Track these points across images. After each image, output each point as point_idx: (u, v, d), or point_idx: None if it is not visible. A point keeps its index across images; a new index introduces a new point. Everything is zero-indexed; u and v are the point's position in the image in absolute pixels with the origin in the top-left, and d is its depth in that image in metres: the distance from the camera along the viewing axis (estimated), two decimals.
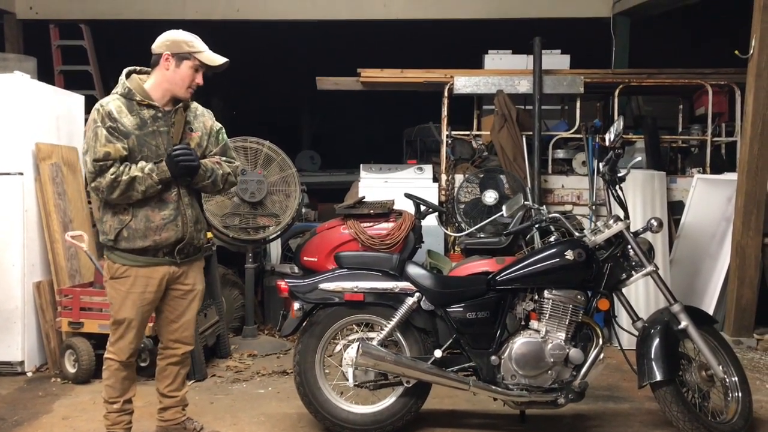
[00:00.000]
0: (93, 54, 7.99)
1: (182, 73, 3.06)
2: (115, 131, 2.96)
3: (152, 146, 3.03)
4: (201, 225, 3.24)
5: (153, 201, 3.04)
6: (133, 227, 3.02)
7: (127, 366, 3.19)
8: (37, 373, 4.68)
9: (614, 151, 3.68)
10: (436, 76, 6.88)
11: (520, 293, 3.57)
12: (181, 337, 3.30)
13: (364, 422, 3.55)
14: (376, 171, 6.72)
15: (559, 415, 3.83)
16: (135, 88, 3.06)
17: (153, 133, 3.04)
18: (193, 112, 3.22)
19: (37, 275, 4.75)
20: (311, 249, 4.97)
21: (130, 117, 3.01)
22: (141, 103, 3.04)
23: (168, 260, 3.12)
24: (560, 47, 7.06)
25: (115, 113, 2.99)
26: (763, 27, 5.19)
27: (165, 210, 3.06)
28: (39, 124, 4.84)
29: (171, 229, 3.07)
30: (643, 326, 3.57)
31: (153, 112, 3.06)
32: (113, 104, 3.02)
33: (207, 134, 3.24)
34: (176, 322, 3.27)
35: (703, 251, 5.87)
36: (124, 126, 2.98)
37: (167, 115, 3.09)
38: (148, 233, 3.03)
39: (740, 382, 3.56)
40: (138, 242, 3.03)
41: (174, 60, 3.04)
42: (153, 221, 3.04)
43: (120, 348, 3.15)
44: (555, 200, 6.44)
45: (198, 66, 3.07)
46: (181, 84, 3.07)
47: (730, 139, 6.56)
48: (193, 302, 3.29)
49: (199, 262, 3.34)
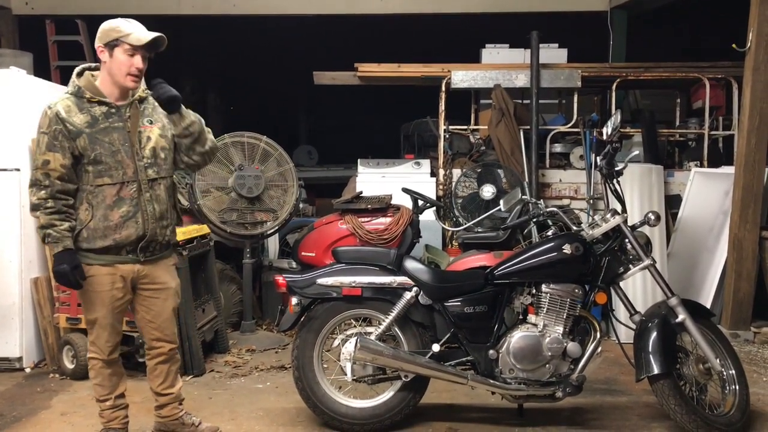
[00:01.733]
0: (89, 49, 7.96)
1: (117, 61, 2.96)
2: (63, 133, 2.92)
3: (105, 143, 2.97)
4: (168, 221, 3.16)
5: (110, 198, 2.99)
6: (92, 227, 2.98)
7: (110, 363, 3.17)
8: (35, 369, 4.68)
9: (612, 145, 3.68)
10: (434, 70, 6.87)
11: (518, 287, 3.58)
12: (162, 336, 3.24)
13: (363, 416, 3.56)
14: (373, 166, 6.71)
15: (557, 408, 3.84)
16: (85, 86, 3.00)
17: (105, 129, 2.98)
18: (151, 104, 3.14)
19: (34, 271, 4.74)
20: (309, 244, 4.98)
21: (80, 115, 2.96)
22: (91, 101, 2.99)
23: (132, 258, 3.06)
24: (558, 41, 7.05)
25: (63, 113, 2.94)
26: (761, 20, 5.18)
27: (123, 207, 3.00)
28: (35, 119, 4.80)
29: (131, 227, 3.01)
30: (641, 320, 3.57)
31: (105, 108, 3.01)
32: (61, 104, 2.97)
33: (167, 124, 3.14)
34: (154, 321, 3.21)
35: (701, 245, 5.88)
36: (73, 125, 2.94)
37: (120, 110, 3.03)
38: (107, 232, 2.98)
39: (737, 375, 3.57)
40: (98, 242, 2.98)
41: (107, 50, 2.97)
42: (111, 219, 2.98)
43: (99, 347, 3.13)
44: (552, 194, 6.44)
45: (129, 50, 2.95)
46: (118, 72, 2.97)
47: (728, 132, 6.56)
48: (168, 300, 3.22)
49: (168, 259, 3.27)
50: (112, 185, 2.99)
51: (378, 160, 6.80)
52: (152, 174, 3.07)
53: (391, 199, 5.19)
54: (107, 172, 2.98)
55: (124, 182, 3.00)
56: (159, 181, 3.11)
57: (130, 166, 3.01)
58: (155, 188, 3.09)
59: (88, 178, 2.99)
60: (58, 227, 2.93)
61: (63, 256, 2.93)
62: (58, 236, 2.93)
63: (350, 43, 8.63)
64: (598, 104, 7.67)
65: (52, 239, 2.93)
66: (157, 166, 3.09)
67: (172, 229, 3.22)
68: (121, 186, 3.00)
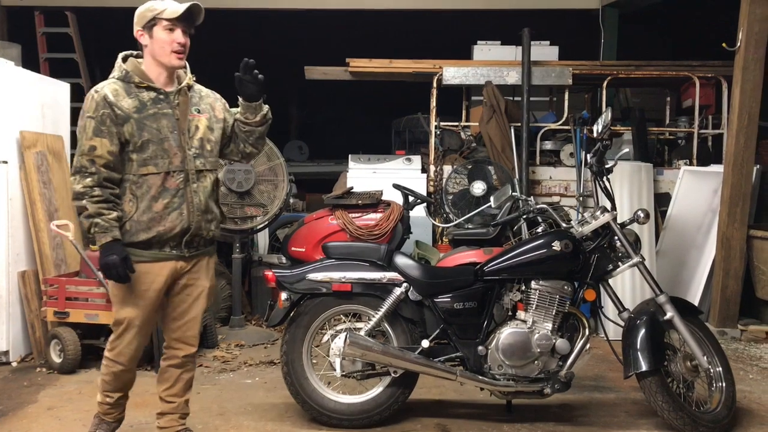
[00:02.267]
0: (79, 41, 7.92)
1: (158, 40, 2.86)
2: (111, 118, 2.79)
3: (153, 129, 2.84)
4: (212, 216, 3.02)
5: (155, 189, 2.84)
6: (135, 219, 2.84)
7: (127, 370, 3.00)
8: (21, 363, 4.65)
9: (602, 143, 3.69)
10: (425, 66, 6.86)
11: (508, 284, 3.58)
12: (183, 337, 3.06)
13: (352, 412, 3.56)
14: (364, 161, 6.71)
15: (546, 404, 3.85)
16: (132, 70, 2.88)
17: (154, 115, 2.86)
18: (197, 93, 3.04)
19: (22, 264, 4.71)
20: (299, 239, 4.97)
21: (128, 99, 2.83)
22: (140, 86, 2.87)
23: (175, 254, 2.92)
24: (549, 39, 7.06)
25: (111, 97, 2.80)
26: (750, 20, 5.21)
27: (167, 197, 2.86)
28: (24, 112, 4.79)
29: (175, 218, 2.87)
30: (629, 317, 3.59)
31: (153, 94, 2.88)
32: (109, 88, 2.83)
33: (217, 120, 3.06)
34: (179, 320, 3.04)
35: (689, 243, 5.91)
36: (121, 109, 2.80)
37: (169, 96, 2.91)
38: (151, 224, 2.84)
39: (724, 373, 3.60)
40: (141, 234, 2.84)
41: (146, 32, 2.87)
42: (155, 210, 2.84)
43: (119, 351, 2.95)
44: (543, 191, 6.45)
45: (168, 25, 2.85)
46: (161, 52, 2.86)
47: (717, 131, 6.59)
48: (199, 300, 3.05)
49: (209, 258, 3.10)
50: (157, 174, 2.85)
51: (369, 156, 6.79)
52: (199, 165, 2.95)
53: (381, 194, 5.18)
54: (152, 161, 2.85)
55: (169, 172, 2.86)
56: (205, 173, 2.98)
57: (177, 155, 2.88)
58: (201, 180, 2.96)
59: (132, 167, 2.85)
60: (106, 216, 2.77)
61: (111, 247, 2.77)
62: (106, 226, 2.77)
63: (342, 38, 8.60)
64: (589, 102, 7.69)
65: (100, 229, 2.76)
66: (203, 158, 2.97)
67: (216, 224, 3.07)
68: (166, 176, 2.86)
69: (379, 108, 10.41)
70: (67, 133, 5.37)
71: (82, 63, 7.88)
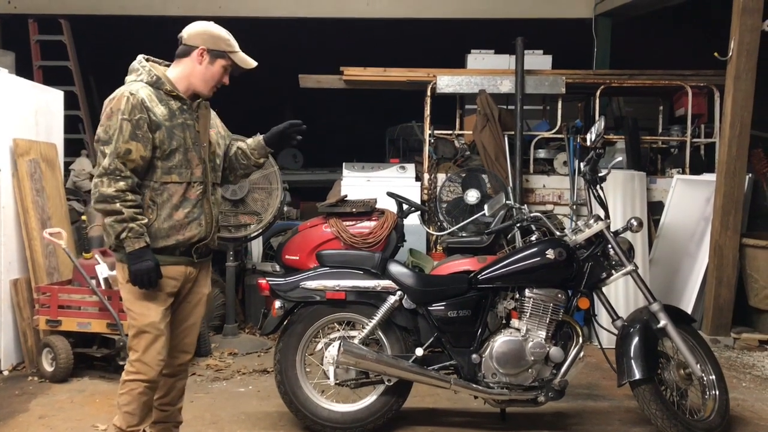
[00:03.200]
0: (72, 49, 7.90)
1: (214, 70, 2.88)
2: (147, 123, 2.75)
3: (180, 138, 2.83)
4: (218, 227, 3.06)
5: (177, 198, 2.83)
6: (155, 227, 2.80)
7: (152, 387, 2.88)
8: (13, 371, 4.62)
9: (595, 152, 3.71)
10: (419, 75, 6.88)
11: (502, 292, 3.59)
12: (180, 344, 3.02)
13: (345, 421, 3.55)
14: (358, 170, 6.71)
15: (540, 413, 3.85)
16: (163, 77, 2.85)
17: (181, 125, 2.84)
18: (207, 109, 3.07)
19: (14, 273, 4.69)
20: (293, 247, 4.96)
21: (160, 106, 2.80)
22: (170, 93, 2.85)
23: (185, 260, 2.90)
24: (542, 47, 7.09)
25: (148, 102, 2.76)
26: (742, 30, 5.25)
27: (188, 207, 2.85)
28: (17, 119, 4.78)
29: (194, 228, 2.86)
30: (623, 325, 3.60)
31: (180, 103, 2.86)
32: (144, 92, 2.77)
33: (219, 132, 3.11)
34: (178, 327, 3.00)
35: (682, 251, 5.93)
36: (156, 115, 2.77)
37: (191, 107, 2.90)
38: (171, 232, 2.82)
39: (717, 381, 3.60)
40: (159, 242, 2.81)
41: (209, 56, 2.86)
42: (176, 219, 2.83)
43: (148, 364, 2.81)
44: (536, 200, 6.47)
45: (229, 66, 2.91)
46: (209, 81, 2.90)
47: (709, 140, 6.63)
48: (198, 306, 3.03)
49: (209, 264, 3.11)
50: (179, 184, 2.84)
51: (363, 164, 6.79)
52: (214, 178, 2.98)
53: (375, 203, 5.18)
54: (177, 170, 2.83)
55: (190, 182, 2.86)
56: (217, 186, 3.02)
57: (198, 166, 2.88)
58: (215, 193, 3.01)
59: (155, 174, 2.81)
60: (140, 221, 2.74)
61: (144, 253, 2.73)
62: (140, 231, 2.73)
63: (336, 46, 8.62)
64: (582, 111, 7.71)
65: (134, 234, 2.71)
66: (215, 171, 3.01)
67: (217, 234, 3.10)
68: (187, 186, 2.85)
69: (373, 116, 10.42)
70: (61, 141, 5.36)
71: (75, 71, 7.87)
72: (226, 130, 3.18)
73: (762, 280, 5.48)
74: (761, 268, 5.49)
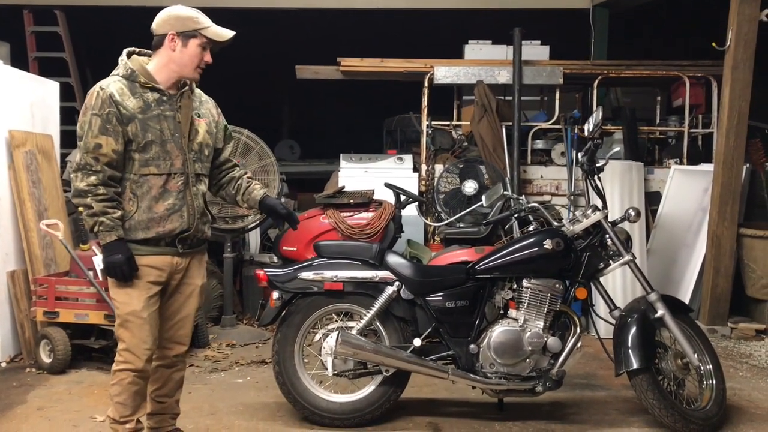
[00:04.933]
0: (68, 40, 7.86)
1: (190, 52, 2.83)
2: (116, 116, 2.75)
3: (156, 130, 2.81)
4: (207, 218, 3.02)
5: (156, 190, 2.81)
6: (136, 218, 2.80)
7: (142, 376, 2.87)
8: (11, 363, 4.62)
9: (593, 142, 3.70)
10: (417, 66, 6.87)
11: (499, 282, 3.58)
12: (175, 336, 3.01)
13: (344, 411, 3.55)
14: (356, 161, 6.70)
15: (537, 403, 3.86)
16: (138, 70, 2.83)
17: (157, 117, 2.81)
18: (198, 98, 3.02)
19: (11, 264, 4.68)
20: (291, 239, 4.96)
21: (132, 99, 2.78)
22: (145, 86, 2.82)
23: (171, 250, 2.88)
24: (540, 38, 7.07)
25: (117, 96, 2.75)
26: (740, 19, 5.24)
27: (169, 199, 2.84)
28: (12, 111, 4.76)
29: (175, 220, 2.84)
30: (620, 315, 3.60)
31: (157, 95, 2.84)
32: (114, 86, 2.78)
33: (215, 124, 3.07)
34: (171, 319, 2.99)
35: (680, 241, 5.94)
36: (126, 109, 2.76)
37: (172, 98, 2.87)
38: (151, 224, 2.81)
39: (714, 370, 3.61)
40: (140, 234, 2.80)
41: (180, 39, 2.82)
42: (156, 212, 2.81)
43: (134, 353, 2.82)
44: (534, 190, 6.47)
45: (205, 43, 2.85)
46: (189, 64, 2.85)
47: (707, 130, 6.63)
48: (191, 298, 3.02)
49: (202, 255, 3.08)
50: (158, 176, 2.83)
51: (360, 155, 6.79)
52: (198, 169, 2.94)
53: (373, 194, 5.18)
54: (154, 162, 2.82)
55: (170, 174, 2.84)
56: (202, 177, 2.98)
57: (179, 157, 2.86)
58: (199, 183, 2.96)
59: (133, 167, 2.81)
60: (111, 215, 2.74)
61: (116, 246, 2.75)
62: (111, 224, 2.74)
63: (333, 37, 8.60)
64: (580, 101, 7.71)
65: (104, 227, 2.73)
66: (201, 162, 2.96)
67: (208, 226, 3.06)
68: (167, 177, 2.84)
69: (370, 107, 10.40)
70: (57, 133, 5.34)
71: (71, 62, 7.83)
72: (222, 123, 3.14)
73: (759, 270, 5.49)
74: (758, 258, 5.50)
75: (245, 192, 3.14)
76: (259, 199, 3.12)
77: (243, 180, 3.17)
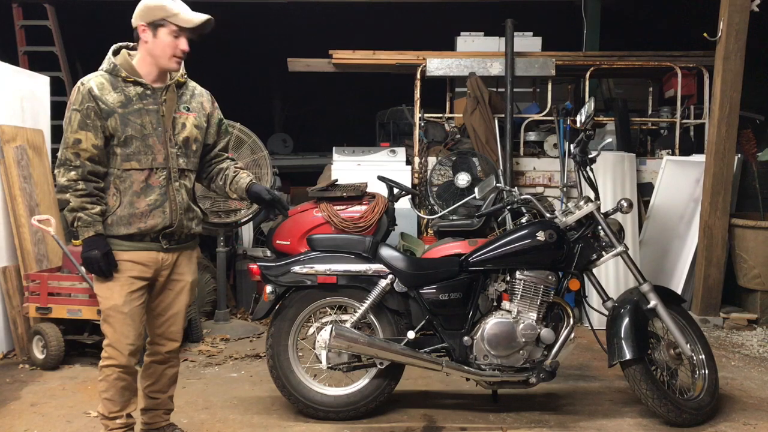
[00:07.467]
0: (58, 34, 7.81)
1: (161, 42, 2.78)
2: (95, 111, 2.75)
3: (137, 125, 2.79)
4: (193, 214, 2.98)
5: (137, 185, 2.80)
6: (118, 214, 2.79)
7: (128, 371, 2.86)
8: (4, 359, 4.60)
9: (585, 133, 3.70)
10: (409, 58, 6.85)
11: (492, 274, 3.59)
12: (166, 332, 3.01)
13: (338, 404, 3.56)
14: (348, 154, 6.69)
15: (531, 394, 3.87)
16: (121, 64, 2.81)
17: (139, 111, 2.79)
18: (191, 91, 2.99)
19: (2, 260, 4.66)
20: (284, 232, 4.95)
21: (113, 94, 2.77)
22: (126, 80, 2.80)
23: (155, 246, 2.86)
24: (532, 30, 7.07)
25: (96, 90, 2.75)
26: (731, 10, 5.24)
27: (151, 195, 2.82)
28: (2, 105, 4.72)
29: (157, 216, 2.82)
30: (613, 306, 3.61)
31: (140, 89, 2.81)
32: (95, 81, 2.78)
33: (206, 118, 3.03)
34: (162, 315, 2.99)
35: (672, 232, 5.96)
36: (105, 104, 2.75)
37: (156, 92, 2.84)
38: (132, 220, 2.80)
39: (707, 360, 3.63)
40: (122, 229, 2.80)
41: (150, 30, 2.78)
42: (137, 207, 2.80)
43: (116, 348, 2.81)
44: (527, 182, 6.47)
45: (176, 31, 2.78)
46: (162, 54, 2.80)
47: (699, 121, 6.64)
48: (181, 294, 3.00)
49: (192, 251, 3.06)
50: (140, 171, 2.81)
51: (353, 148, 6.77)
52: (182, 164, 2.90)
53: (366, 187, 5.17)
54: (135, 156, 2.80)
55: (153, 168, 2.82)
56: (187, 173, 2.94)
57: (161, 151, 2.83)
58: (184, 179, 2.92)
59: (116, 162, 2.81)
60: (89, 210, 2.75)
61: (94, 242, 2.75)
62: (89, 220, 2.74)
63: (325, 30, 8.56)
64: (572, 93, 7.71)
65: (82, 223, 2.74)
66: (186, 157, 2.93)
67: (197, 222, 3.02)
68: (149, 172, 2.82)
69: (363, 100, 10.39)
70: (48, 127, 5.30)
71: (62, 56, 7.77)
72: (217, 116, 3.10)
73: (751, 260, 5.52)
74: (750, 248, 5.52)
75: (232, 182, 3.11)
76: (245, 186, 3.09)
77: (230, 170, 3.13)
